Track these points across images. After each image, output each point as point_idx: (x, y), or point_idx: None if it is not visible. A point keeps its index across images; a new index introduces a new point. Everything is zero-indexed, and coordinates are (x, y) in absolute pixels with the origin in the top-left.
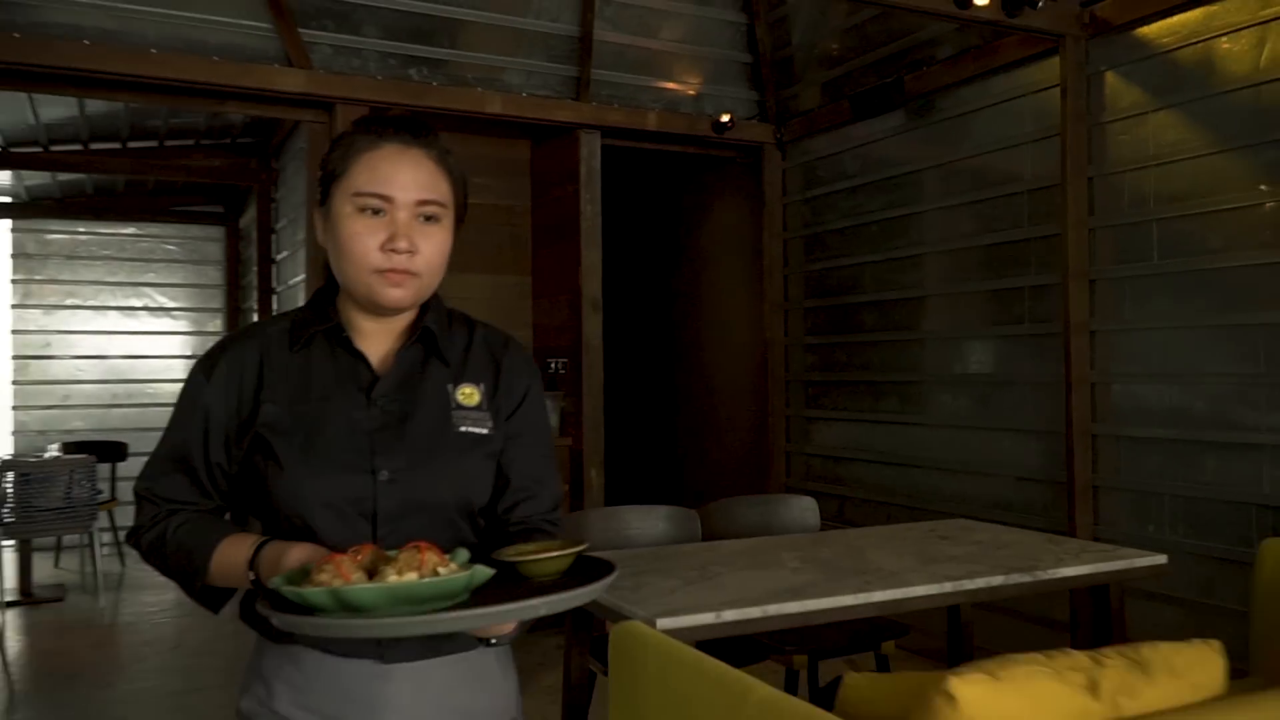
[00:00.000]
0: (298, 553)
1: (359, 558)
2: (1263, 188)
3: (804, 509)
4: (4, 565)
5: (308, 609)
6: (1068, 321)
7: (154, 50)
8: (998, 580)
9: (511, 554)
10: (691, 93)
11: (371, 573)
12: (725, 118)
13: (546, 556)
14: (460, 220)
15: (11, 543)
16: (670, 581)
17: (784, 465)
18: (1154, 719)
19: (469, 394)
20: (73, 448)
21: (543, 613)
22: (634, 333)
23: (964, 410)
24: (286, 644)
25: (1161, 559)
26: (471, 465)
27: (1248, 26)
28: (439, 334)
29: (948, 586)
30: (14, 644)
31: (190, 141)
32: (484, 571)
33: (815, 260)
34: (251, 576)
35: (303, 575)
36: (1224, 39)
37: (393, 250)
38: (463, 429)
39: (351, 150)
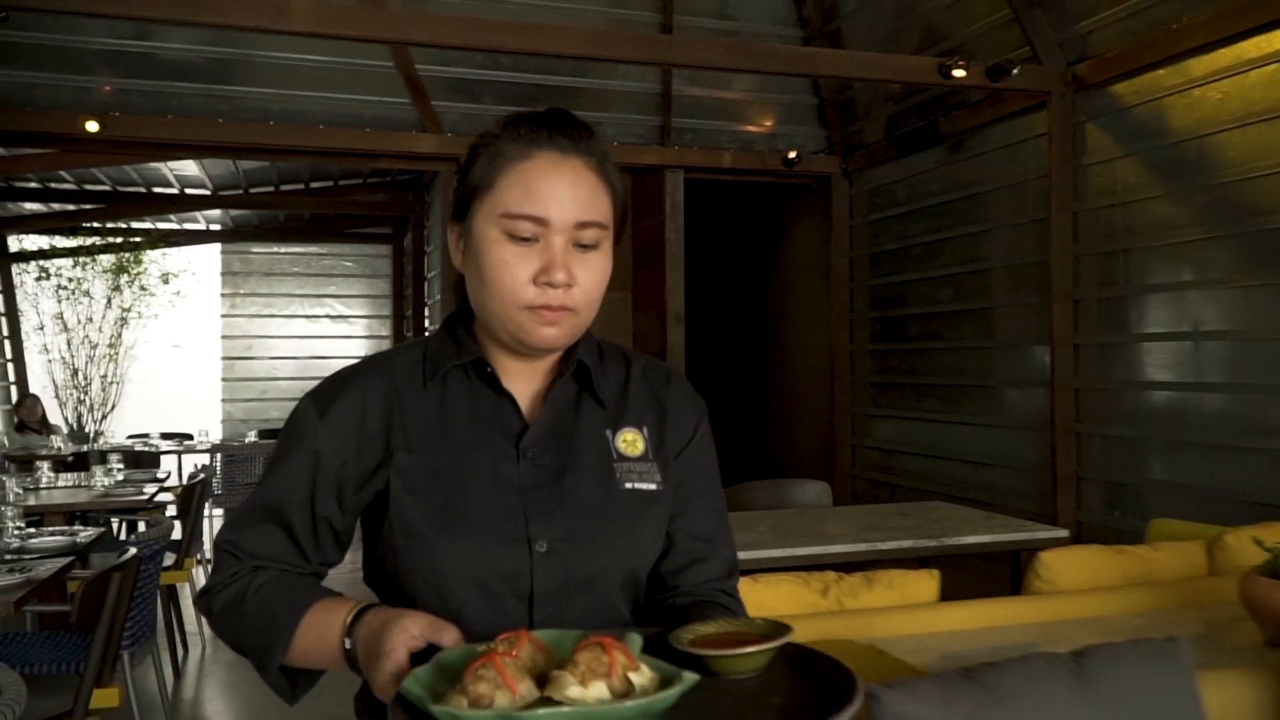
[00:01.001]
0: (414, 625)
1: (516, 654)
2: (1199, 227)
3: (818, 491)
4: (214, 531)
5: None
6: (1053, 335)
7: (322, 125)
8: (907, 543)
9: (688, 639)
10: (765, 132)
11: (539, 677)
12: (792, 154)
13: (749, 651)
14: (619, 238)
15: (219, 511)
16: None
17: (849, 456)
18: (859, 612)
19: (631, 441)
20: (269, 434)
21: None
22: (725, 341)
23: (983, 410)
24: None
25: (1063, 533)
26: (643, 529)
27: (1185, 89)
28: (593, 369)
29: (861, 546)
30: None
31: (358, 181)
32: (690, 678)
33: (876, 276)
34: (347, 645)
35: (441, 674)
36: (1169, 98)
37: (548, 284)
38: (629, 485)
39: (499, 161)
